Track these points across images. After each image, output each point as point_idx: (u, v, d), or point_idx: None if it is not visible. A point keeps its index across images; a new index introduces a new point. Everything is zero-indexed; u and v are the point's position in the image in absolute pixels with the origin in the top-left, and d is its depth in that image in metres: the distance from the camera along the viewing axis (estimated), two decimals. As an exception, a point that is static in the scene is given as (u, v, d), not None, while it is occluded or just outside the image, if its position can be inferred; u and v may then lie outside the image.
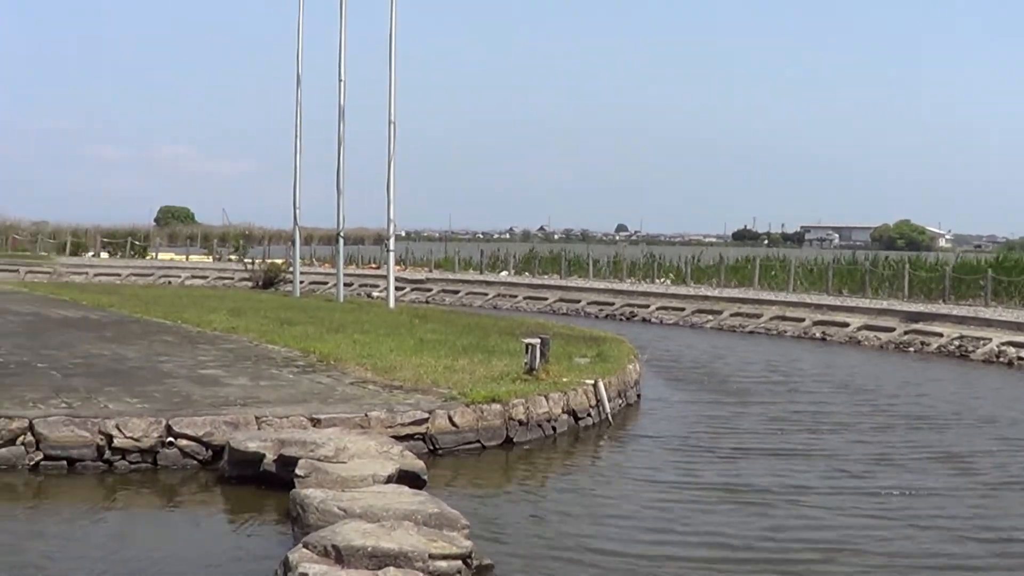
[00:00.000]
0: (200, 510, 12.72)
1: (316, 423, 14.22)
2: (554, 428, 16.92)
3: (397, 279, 38.83)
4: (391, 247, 37.03)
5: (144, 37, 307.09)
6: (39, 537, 11.30)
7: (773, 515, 12.95)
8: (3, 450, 13.68)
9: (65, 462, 13.66)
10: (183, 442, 13.81)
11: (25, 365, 18.84)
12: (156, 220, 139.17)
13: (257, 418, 14.20)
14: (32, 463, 13.65)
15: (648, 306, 44.45)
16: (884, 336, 34.92)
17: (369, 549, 8.99)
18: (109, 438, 13.66)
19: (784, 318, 39.26)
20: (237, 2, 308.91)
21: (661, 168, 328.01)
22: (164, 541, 11.41)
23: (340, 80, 38.69)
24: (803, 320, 38.40)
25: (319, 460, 12.24)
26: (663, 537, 11.88)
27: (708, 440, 17.54)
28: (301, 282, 44.23)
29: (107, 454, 13.70)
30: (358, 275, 55.14)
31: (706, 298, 44.00)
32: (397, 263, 40.60)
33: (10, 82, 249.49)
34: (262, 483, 12.89)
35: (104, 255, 72.24)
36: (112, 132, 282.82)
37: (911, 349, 33.38)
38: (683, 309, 43.16)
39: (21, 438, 13.73)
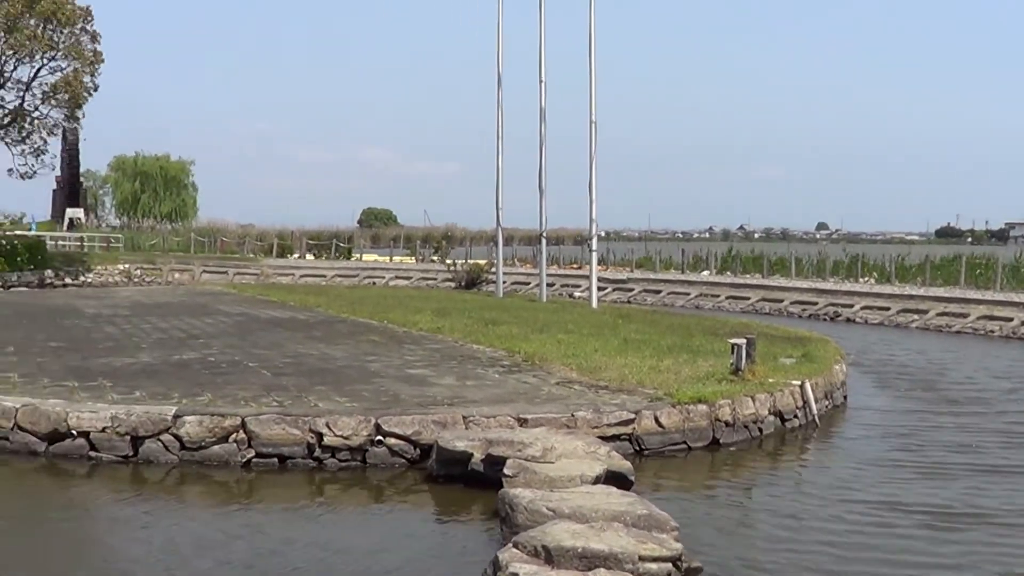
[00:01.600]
0: (408, 508, 12.77)
1: (523, 423, 14.20)
2: (760, 430, 16.63)
3: (599, 279, 38.66)
4: (594, 247, 36.87)
5: (348, 42, 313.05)
6: (250, 533, 11.52)
7: (996, 546, 11.67)
8: (216, 447, 14.02)
9: (276, 459, 13.94)
10: (392, 441, 13.95)
11: (236, 364, 19.29)
12: (359, 222, 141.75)
13: (464, 417, 14.25)
14: (244, 460, 13.97)
15: (852, 305, 43.46)
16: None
17: (579, 550, 8.91)
18: (319, 436, 13.88)
19: (992, 317, 37.96)
20: (439, 5, 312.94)
21: (863, 165, 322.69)
22: (373, 539, 11.51)
23: (541, 81, 38.75)
24: (1011, 320, 37.06)
25: (527, 460, 12.21)
26: (865, 543, 11.51)
27: (919, 449, 16.67)
28: (503, 282, 44.45)
29: (317, 452, 13.93)
30: (560, 275, 55.20)
31: (911, 297, 42.82)
32: (598, 263, 40.51)
33: (227, 86, 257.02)
34: (469, 482, 12.92)
35: (309, 257, 73.59)
36: (316, 135, 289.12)
37: None
38: (888, 309, 42.08)
39: (234, 435, 14.06)
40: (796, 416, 17.60)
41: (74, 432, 14.41)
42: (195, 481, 13.56)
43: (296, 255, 73.95)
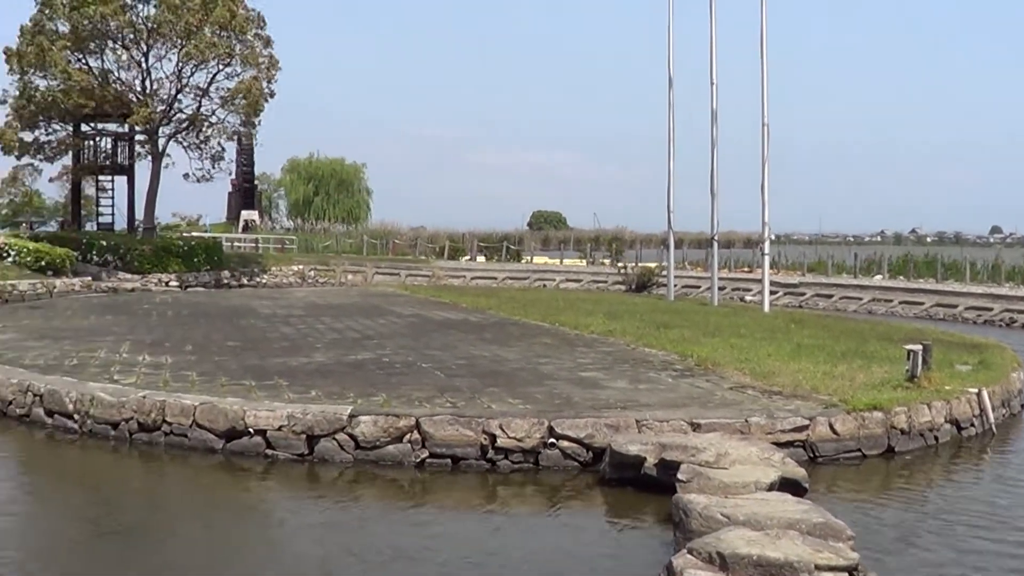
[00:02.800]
0: (580, 511, 12.78)
1: (696, 428, 14.13)
2: (936, 438, 16.26)
3: (770, 283, 38.32)
4: (766, 250, 36.57)
5: (515, 45, 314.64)
6: (423, 533, 11.67)
7: None
8: (391, 447, 14.22)
9: (449, 460, 14.08)
10: (564, 443, 14.00)
11: (410, 365, 19.54)
12: (529, 224, 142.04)
13: (637, 421, 14.22)
14: (418, 460, 14.13)
15: (1030, 311, 42.47)
16: None
17: (754, 558, 8.85)
18: (492, 438, 13.99)
19: None
20: (609, 8, 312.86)
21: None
22: (545, 541, 11.53)
23: (712, 83, 38.60)
24: None
25: (700, 465, 12.15)
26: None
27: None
28: (674, 286, 44.28)
29: (490, 453, 14.03)
30: (730, 279, 54.81)
31: (1092, 303, 41.71)
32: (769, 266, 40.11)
33: (400, 90, 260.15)
34: (641, 486, 12.91)
35: (480, 259, 74.09)
36: (485, 139, 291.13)
37: None
38: (1067, 315, 41.03)
39: (408, 436, 14.24)
40: (973, 424, 17.19)
41: (251, 430, 14.76)
42: (369, 480, 13.77)
43: (467, 257, 74.52)
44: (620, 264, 62.13)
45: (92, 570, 10.34)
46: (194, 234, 77.00)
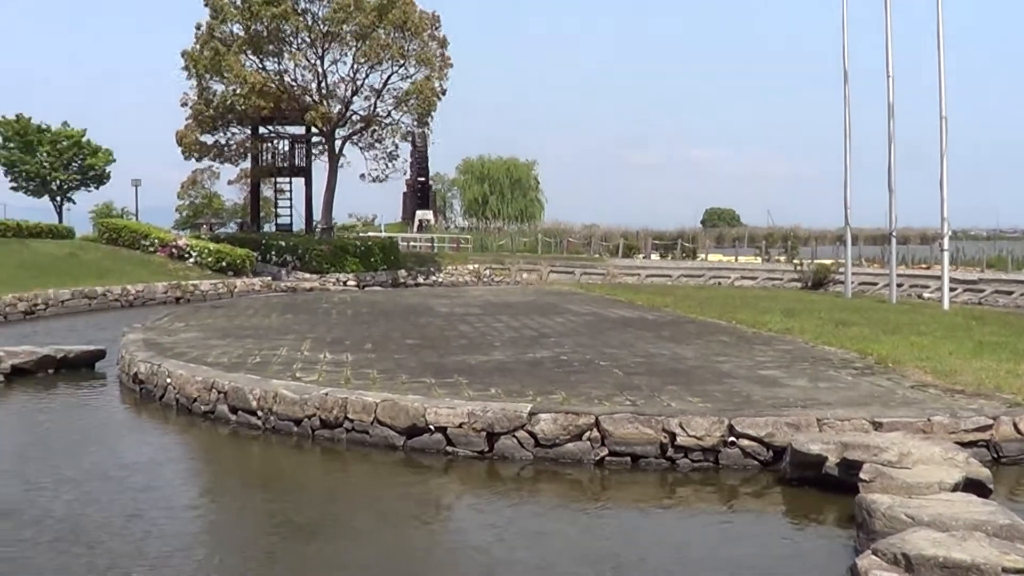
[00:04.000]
0: (761, 511, 12.74)
1: (877, 427, 13.96)
2: None
3: (949, 279, 37.63)
4: (945, 246, 35.96)
5: (685, 42, 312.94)
6: (607, 530, 11.79)
7: None
8: (570, 445, 14.30)
9: (629, 458, 14.10)
10: (744, 442, 13.94)
11: (588, 363, 19.62)
12: (702, 222, 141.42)
13: (818, 420, 14.09)
14: (597, 458, 14.19)
15: None
16: None
17: (940, 559, 8.77)
18: (672, 436, 13.98)
19: None
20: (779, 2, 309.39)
21: None
22: (725, 540, 11.53)
23: (888, 76, 38.04)
24: None
25: (882, 465, 12.05)
26: None
27: None
28: (851, 282, 43.65)
29: (670, 451, 14.02)
30: (907, 275, 53.75)
31: None
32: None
33: (569, 90, 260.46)
34: (822, 486, 12.79)
35: (655, 256, 74.04)
36: (654, 135, 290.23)
37: None
38: None
39: (587, 433, 14.29)
40: None
41: (431, 427, 14.97)
42: (549, 478, 13.86)
43: (641, 255, 74.48)
44: (797, 261, 61.51)
45: (282, 568, 10.60)
46: (370, 234, 78.28)
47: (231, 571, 10.48)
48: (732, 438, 13.97)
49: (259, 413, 16.89)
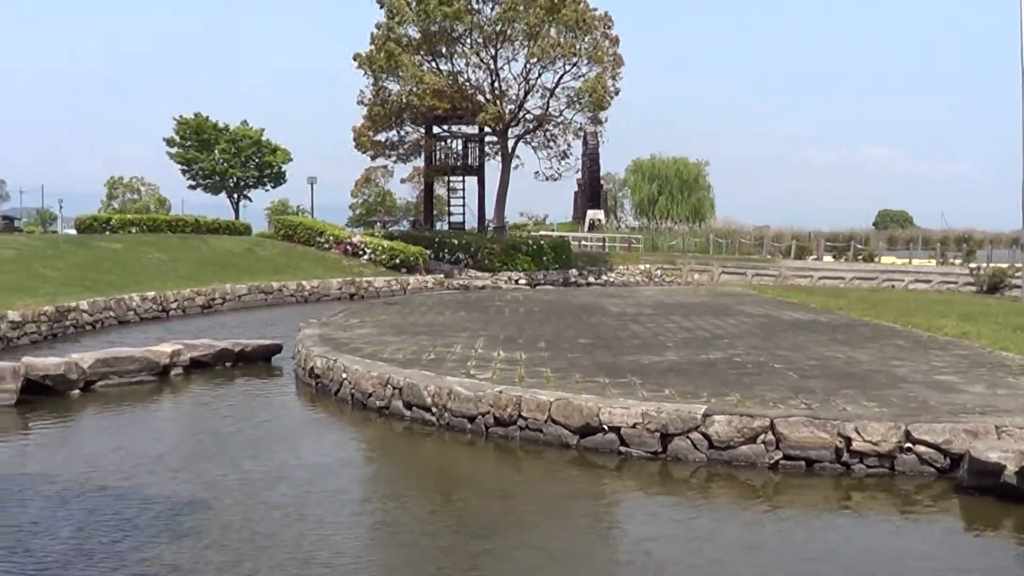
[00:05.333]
0: (937, 519, 12.54)
1: (1059, 436, 13.73)
2: None
3: None
4: None
5: (855, 41, 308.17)
6: (782, 535, 11.80)
7: None
8: (744, 447, 14.30)
9: (803, 462, 14.04)
10: (920, 448, 13.77)
11: (762, 365, 19.54)
12: (874, 224, 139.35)
13: (997, 427, 13.84)
14: (771, 462, 14.16)
15: None
16: None
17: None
18: (848, 441, 13.88)
19: None
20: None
21: None
22: (899, 547, 11.41)
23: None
24: None
25: (1064, 474, 11.88)
26: None
27: None
28: (1026, 286, 42.75)
29: (844, 456, 13.93)
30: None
31: None
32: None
33: (737, 88, 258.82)
34: (1000, 495, 12.61)
35: (827, 258, 73.21)
36: (828, 136, 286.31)
37: None
38: None
39: (762, 436, 14.27)
40: None
41: (605, 427, 15.09)
42: (723, 481, 13.87)
43: (813, 257, 73.72)
44: (973, 265, 60.34)
45: (459, 569, 10.68)
46: (542, 233, 78.71)
47: (413, 568, 10.71)
48: (908, 444, 13.81)
49: (433, 409, 17.15)
